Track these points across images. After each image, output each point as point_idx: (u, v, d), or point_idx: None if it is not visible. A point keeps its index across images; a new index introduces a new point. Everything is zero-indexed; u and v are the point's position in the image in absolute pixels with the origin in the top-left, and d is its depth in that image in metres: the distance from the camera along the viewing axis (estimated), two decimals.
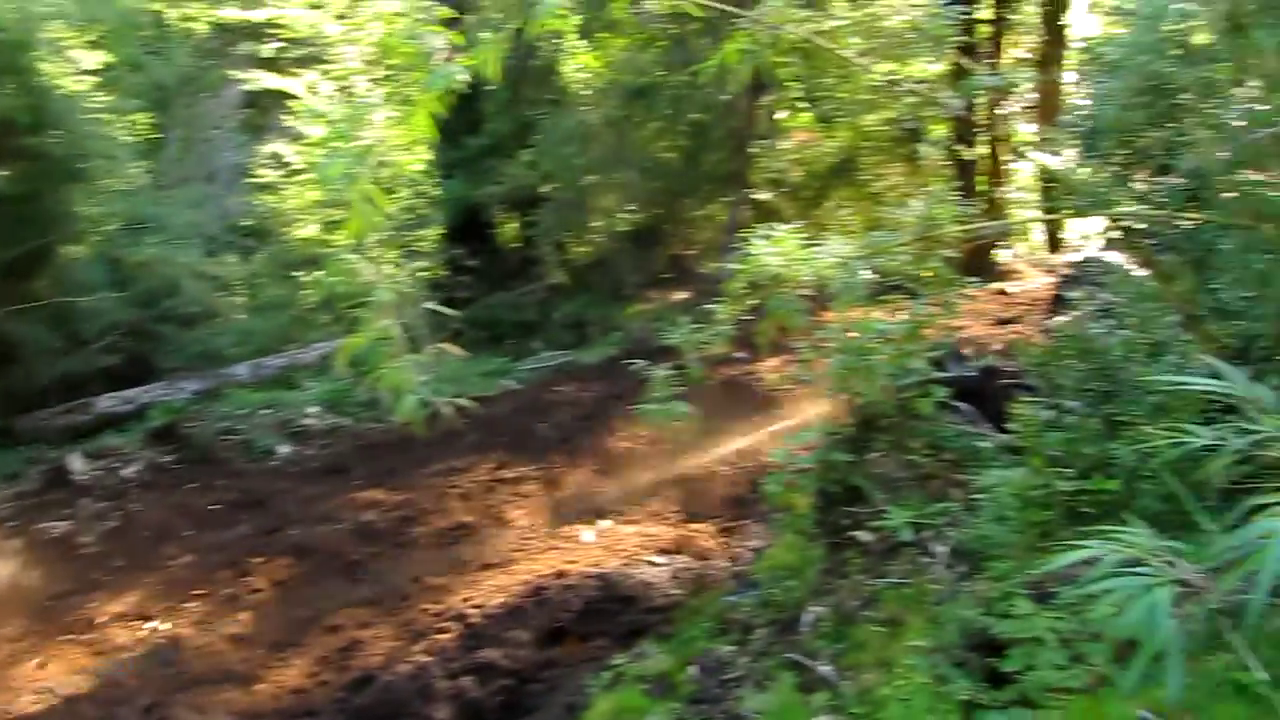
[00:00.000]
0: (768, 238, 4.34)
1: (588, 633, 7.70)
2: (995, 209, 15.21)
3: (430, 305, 4.65)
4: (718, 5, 3.90)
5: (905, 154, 21.02)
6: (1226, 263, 5.24)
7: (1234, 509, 1.92)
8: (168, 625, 8.14)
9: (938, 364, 6.39)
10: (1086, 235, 9.12)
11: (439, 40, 3.72)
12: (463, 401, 3.90)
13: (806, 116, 22.63)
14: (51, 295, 12.22)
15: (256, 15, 21.37)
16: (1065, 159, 5.85)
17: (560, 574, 8.31)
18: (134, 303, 13.23)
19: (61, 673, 7.49)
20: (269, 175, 20.52)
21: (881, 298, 6.67)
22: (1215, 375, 2.34)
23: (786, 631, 6.03)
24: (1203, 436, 2.18)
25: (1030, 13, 20.31)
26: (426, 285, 18.57)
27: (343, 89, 21.68)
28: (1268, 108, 4.43)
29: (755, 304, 4.52)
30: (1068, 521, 4.96)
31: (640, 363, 5.12)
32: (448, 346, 4.13)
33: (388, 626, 8.20)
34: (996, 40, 19.18)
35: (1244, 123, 4.65)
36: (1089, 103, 6.69)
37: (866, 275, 4.48)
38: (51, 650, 7.76)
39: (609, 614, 7.82)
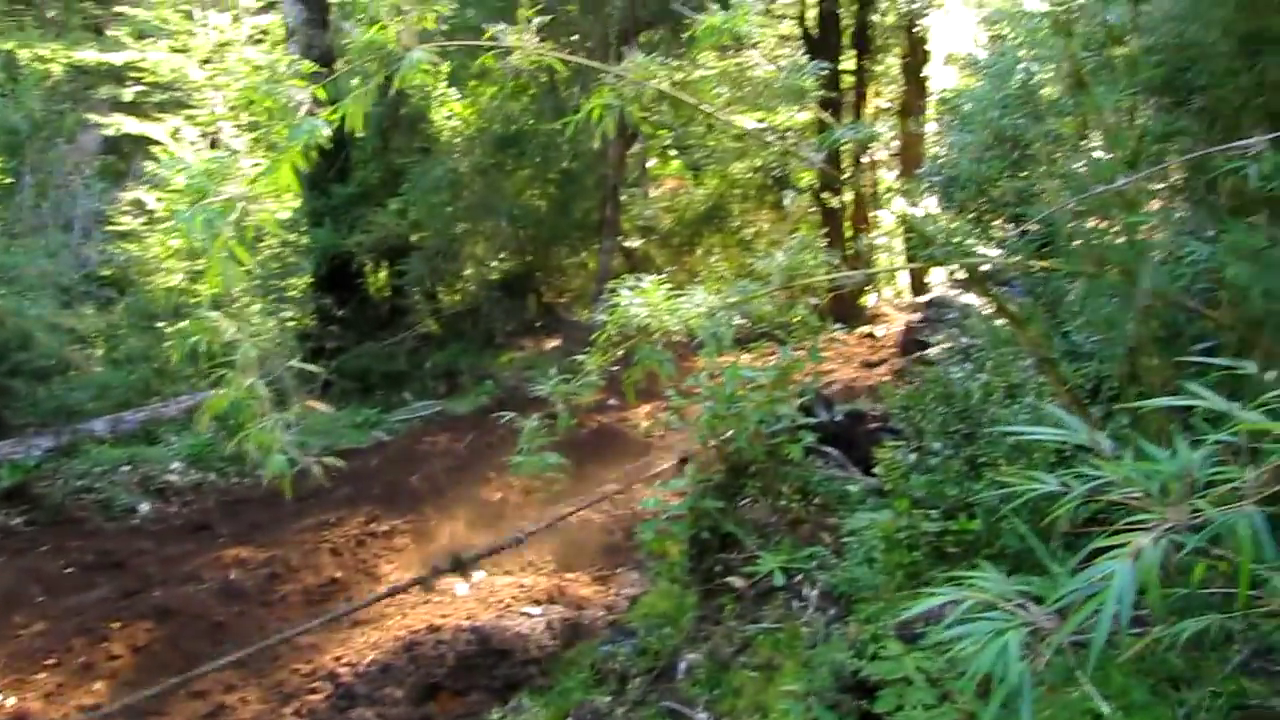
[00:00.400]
0: (634, 288, 4.38)
1: (463, 688, 7.58)
2: (860, 256, 15.60)
3: (296, 362, 4.57)
4: (581, 61, 3.93)
5: (773, 201, 21.51)
6: (1077, 308, 5.45)
7: (1080, 551, 2.00)
8: (14, 700, 7.73)
9: (806, 410, 6.51)
10: (947, 280, 9.47)
11: (302, 94, 3.68)
12: (331, 460, 3.82)
13: (676, 164, 23.03)
14: None
15: (116, 58, 20.88)
16: (925, 208, 6.04)
17: (434, 628, 8.17)
18: None
19: None
20: (130, 223, 20.00)
21: (750, 344, 6.78)
22: (1059, 424, 2.44)
23: (663, 679, 6.03)
24: (1048, 483, 2.26)
25: (892, 65, 21.05)
26: (295, 336, 18.26)
27: (207, 135, 21.30)
28: (1108, 160, 4.65)
29: (624, 353, 4.55)
30: (934, 562, 5.08)
31: (510, 414, 5.11)
32: (314, 403, 4.06)
33: (256, 689, 7.93)
34: (860, 91, 19.79)
35: (1088, 174, 4.86)
36: (946, 153, 6.93)
37: (734, 323, 4.53)
38: None
39: (484, 668, 7.71)
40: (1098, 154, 4.95)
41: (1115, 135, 4.55)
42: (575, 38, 17.98)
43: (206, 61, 22.22)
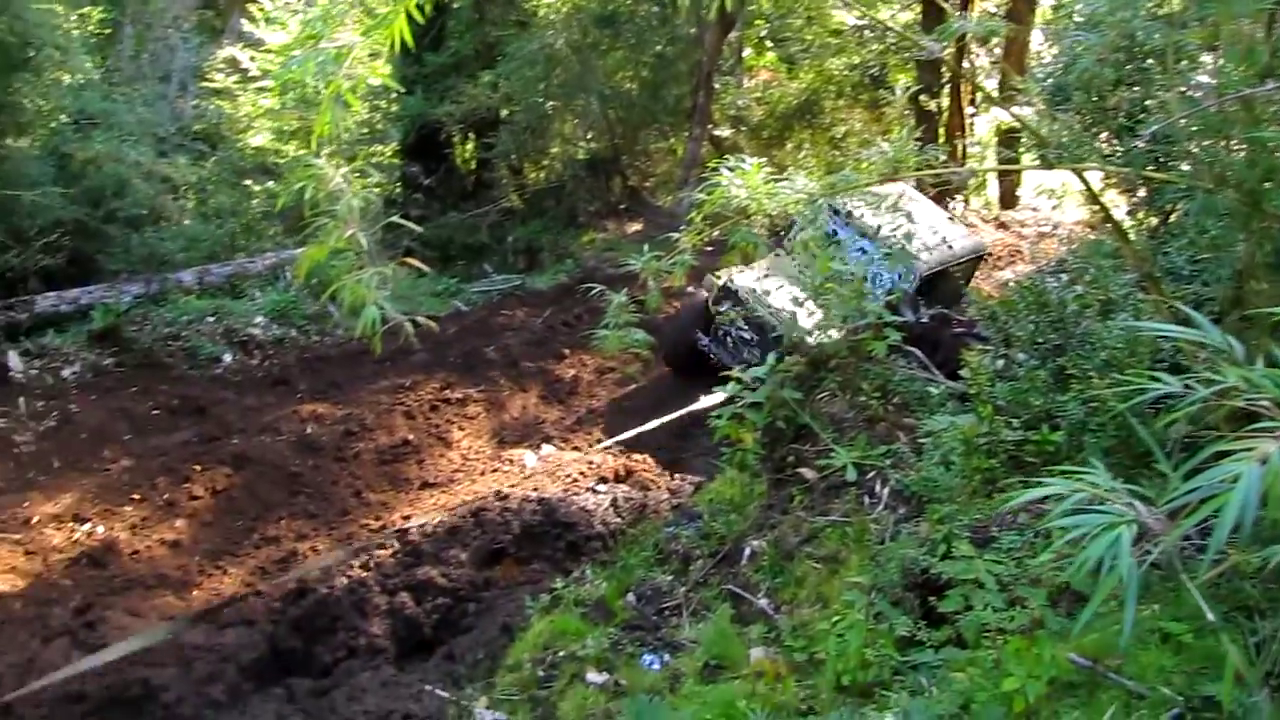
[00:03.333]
0: (735, 169, 4.31)
1: (526, 555, 7.73)
2: (955, 160, 15.20)
3: (395, 219, 4.57)
4: None
5: (867, 100, 21.05)
6: (1184, 226, 5.28)
7: (1190, 457, 1.95)
8: (103, 528, 8.05)
9: (892, 308, 6.43)
10: (1044, 191, 9.14)
11: None
12: (422, 320, 3.84)
13: (772, 56, 22.56)
14: None
15: None
16: (1034, 111, 5.85)
17: (501, 496, 8.32)
18: (80, 200, 12.82)
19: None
20: (223, 80, 20.07)
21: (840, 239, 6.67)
22: (1186, 323, 2.37)
23: (725, 563, 6.09)
24: (1170, 384, 2.21)
25: None
26: (380, 201, 18.34)
27: None
28: (1236, 75, 4.45)
29: (717, 235, 4.51)
30: (1010, 470, 5.03)
31: (599, 287, 5.09)
32: (412, 261, 4.05)
33: (326, 540, 8.19)
34: None
35: (1212, 87, 4.67)
36: (1061, 57, 6.69)
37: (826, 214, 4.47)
38: None
39: (548, 538, 7.84)
40: (1226, 66, 4.73)
41: (1249, 46, 4.34)
42: None
43: None
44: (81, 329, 11.69)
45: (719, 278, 10.28)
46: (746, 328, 10.02)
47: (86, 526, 8.06)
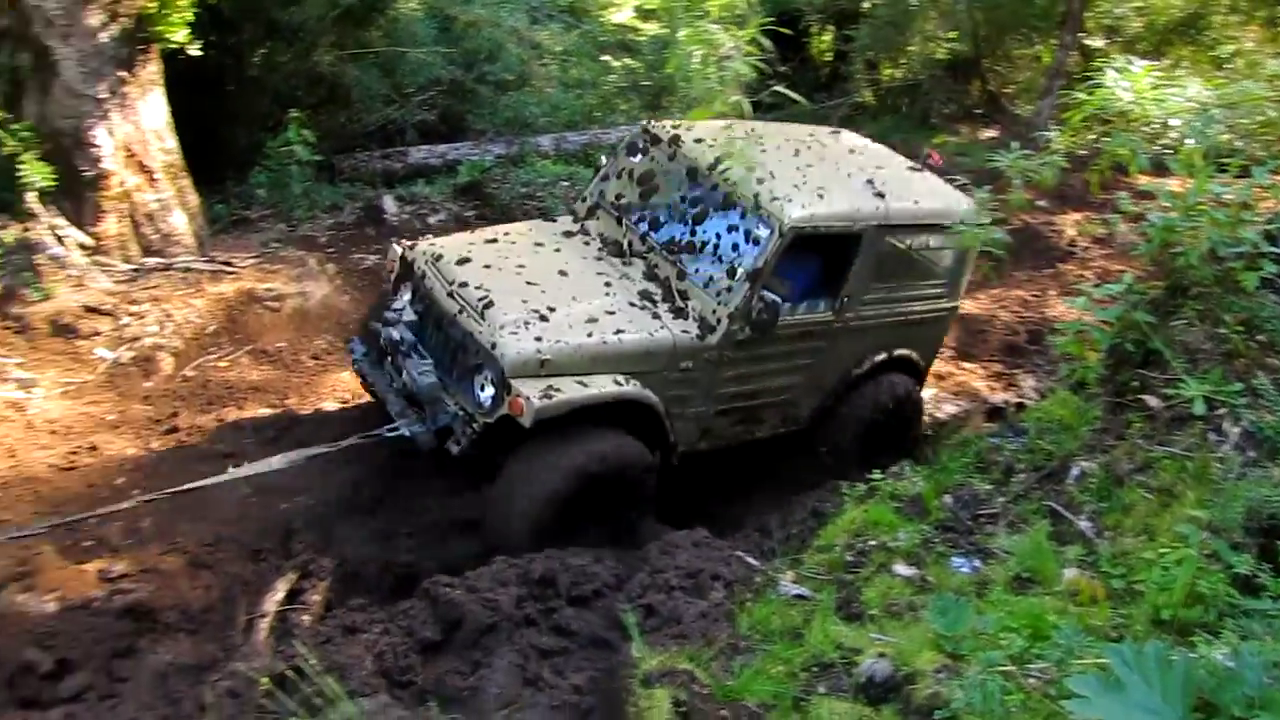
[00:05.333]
0: (1121, 71, 4.11)
1: None
2: None
3: (778, 88, 4.66)
4: None
5: (1264, 17, 19.23)
6: None
7: None
8: None
9: (1270, 239, 5.98)
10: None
11: None
12: None
13: None
14: (383, 45, 12.80)
15: None
16: None
17: None
18: (456, 61, 13.65)
19: (359, 386, 8.17)
20: None
21: (1220, 160, 6.23)
22: None
23: (1049, 481, 5.96)
24: None
25: None
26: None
27: None
28: None
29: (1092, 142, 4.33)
30: None
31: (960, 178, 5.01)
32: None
33: None
34: None
35: None
36: None
37: (1220, 128, 4.18)
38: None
39: None
40: None
41: None
42: None
43: None
44: (448, 182, 12.51)
45: (404, 244, 7.09)
46: (413, 324, 6.55)
47: None
